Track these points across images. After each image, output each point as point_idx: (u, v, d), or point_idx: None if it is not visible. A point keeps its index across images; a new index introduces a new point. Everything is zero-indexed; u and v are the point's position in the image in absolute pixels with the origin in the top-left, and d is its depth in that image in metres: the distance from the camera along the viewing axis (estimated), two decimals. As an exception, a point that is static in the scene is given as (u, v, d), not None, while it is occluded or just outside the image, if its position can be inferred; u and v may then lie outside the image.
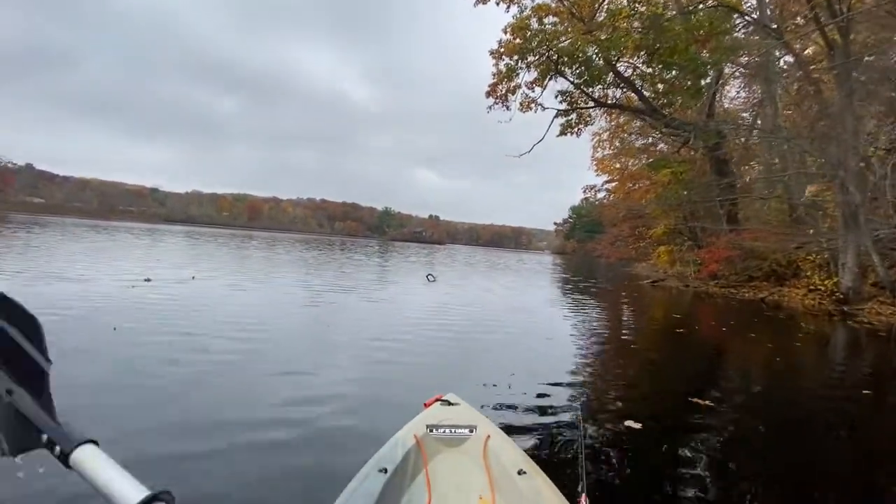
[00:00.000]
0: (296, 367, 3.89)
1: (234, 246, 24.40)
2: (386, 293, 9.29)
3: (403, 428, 1.99)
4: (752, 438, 3.17)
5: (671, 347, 6.51)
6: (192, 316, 5.56)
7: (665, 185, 16.23)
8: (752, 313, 10.23)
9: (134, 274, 8.65)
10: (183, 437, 2.49)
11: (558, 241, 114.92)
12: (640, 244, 21.72)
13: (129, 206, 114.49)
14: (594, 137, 24.04)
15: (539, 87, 17.69)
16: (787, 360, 5.88)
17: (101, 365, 3.57)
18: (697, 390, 4.02)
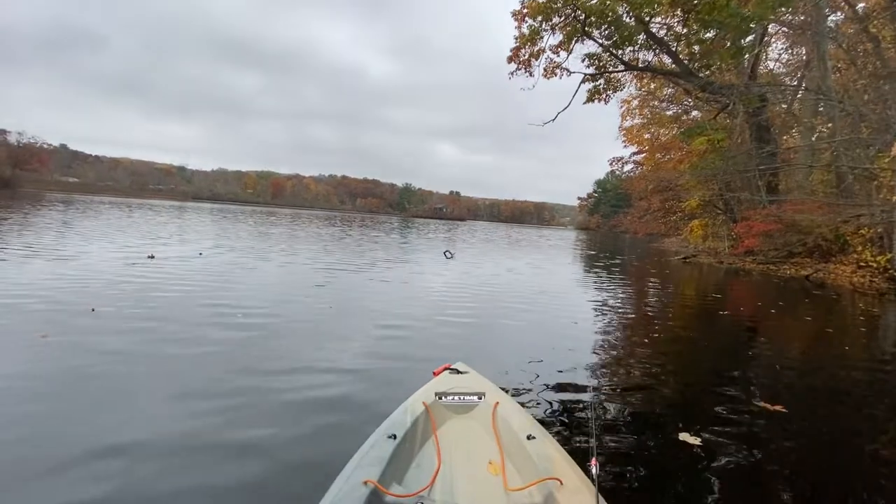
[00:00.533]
0: (289, 362, 3.27)
1: (253, 222, 24.46)
2: (399, 272, 8.66)
3: (412, 395, 1.99)
4: (799, 431, 2.75)
5: (711, 329, 5.92)
6: (182, 298, 5.08)
7: (701, 154, 15.11)
8: (797, 292, 9.45)
9: (141, 251, 8.45)
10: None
11: (582, 216, 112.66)
12: (670, 218, 20.64)
13: (158, 185, 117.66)
14: (623, 105, 22.77)
15: (564, 52, 16.63)
16: (847, 342, 5.27)
17: (46, 358, 3.02)
18: (742, 378, 3.60)
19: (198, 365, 3.12)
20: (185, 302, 4.93)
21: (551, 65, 17.05)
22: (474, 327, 4.88)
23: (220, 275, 6.73)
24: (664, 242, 32.43)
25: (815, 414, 3.10)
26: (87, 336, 3.54)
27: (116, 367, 2.97)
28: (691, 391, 3.39)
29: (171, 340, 3.58)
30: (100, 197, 61.60)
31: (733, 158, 13.81)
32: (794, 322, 6.54)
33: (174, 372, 2.96)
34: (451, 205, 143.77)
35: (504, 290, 7.44)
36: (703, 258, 15.73)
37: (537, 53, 16.75)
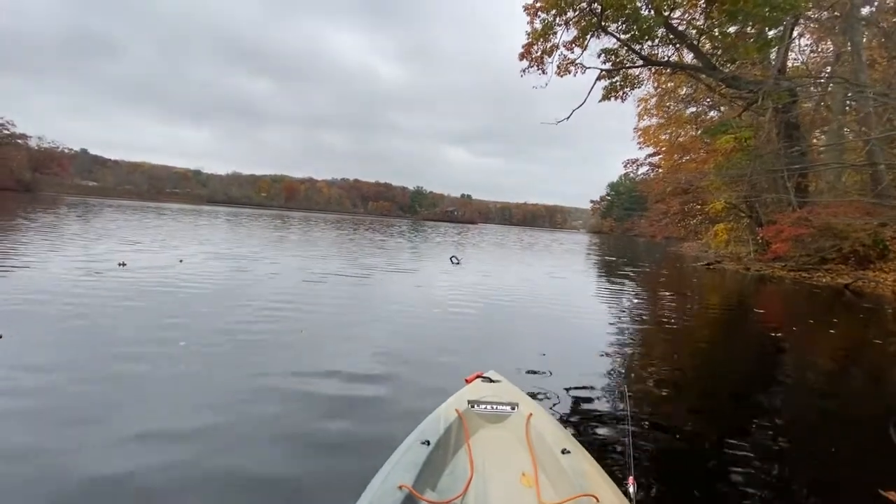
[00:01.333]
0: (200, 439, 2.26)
1: (258, 226, 24.14)
2: (398, 283, 7.82)
3: (445, 403, 1.98)
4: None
5: (753, 347, 5.21)
6: (119, 317, 4.33)
7: (727, 153, 14.20)
8: (840, 304, 8.59)
9: (116, 257, 7.76)
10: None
11: (594, 219, 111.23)
12: (689, 222, 19.68)
13: (174, 188, 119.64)
14: (640, 104, 21.88)
15: (579, 48, 15.90)
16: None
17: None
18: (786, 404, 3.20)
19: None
20: (123, 322, 4.17)
21: (565, 62, 16.30)
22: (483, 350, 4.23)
23: (185, 288, 5.89)
24: (682, 247, 31.28)
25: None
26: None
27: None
28: (736, 414, 3.19)
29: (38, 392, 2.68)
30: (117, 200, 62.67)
31: (761, 158, 12.89)
32: (848, 341, 5.75)
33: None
34: (462, 208, 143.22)
35: (520, 305, 6.76)
36: (727, 264, 14.79)
37: (550, 50, 16.04)
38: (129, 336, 3.82)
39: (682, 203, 18.66)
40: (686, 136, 21.81)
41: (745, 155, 13.63)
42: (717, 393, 3.60)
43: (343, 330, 4.57)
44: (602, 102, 16.59)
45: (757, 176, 12.70)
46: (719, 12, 13.66)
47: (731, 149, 13.89)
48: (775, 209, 16.17)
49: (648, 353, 4.60)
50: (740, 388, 3.72)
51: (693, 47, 14.30)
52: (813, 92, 13.36)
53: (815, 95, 13.16)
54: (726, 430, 2.76)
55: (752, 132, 13.80)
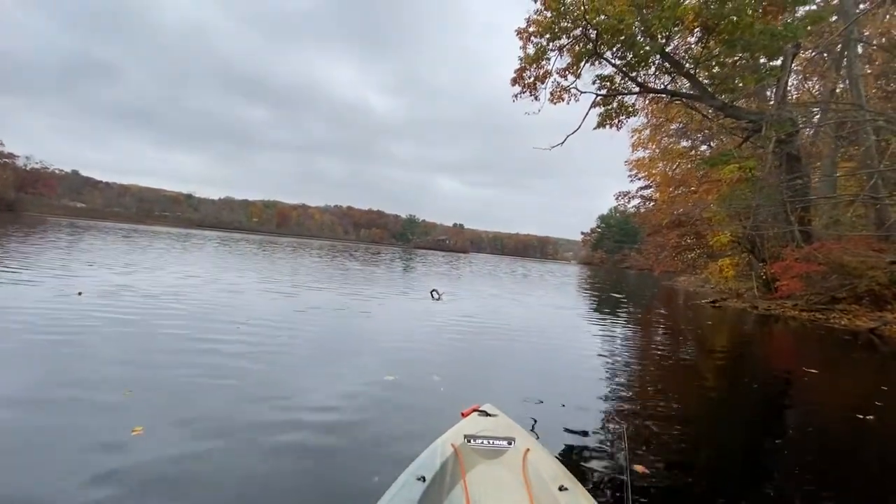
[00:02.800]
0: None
1: (239, 252, 22.97)
2: (362, 326, 6.40)
3: (441, 437, 1.95)
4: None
5: (772, 400, 4.31)
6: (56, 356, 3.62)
7: (731, 183, 13.51)
8: (867, 352, 7.60)
9: (75, 284, 6.95)
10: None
11: (585, 251, 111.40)
12: (687, 255, 18.91)
13: (164, 212, 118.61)
14: (633, 135, 21.50)
15: (572, 76, 15.45)
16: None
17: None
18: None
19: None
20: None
21: (558, 89, 15.84)
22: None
23: (121, 324, 4.99)
24: (677, 281, 30.45)
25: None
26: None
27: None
28: (736, 459, 3.02)
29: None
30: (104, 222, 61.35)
31: (764, 190, 12.19)
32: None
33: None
34: (454, 237, 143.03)
35: (515, 339, 6.01)
36: (732, 301, 13.86)
37: (543, 76, 15.58)
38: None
39: (680, 236, 17.96)
40: (681, 168, 21.34)
41: (750, 186, 12.93)
42: (721, 436, 3.46)
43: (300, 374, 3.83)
44: (596, 131, 16.09)
45: (761, 209, 11.95)
46: (717, 42, 13.30)
47: (737, 179, 13.20)
48: (776, 244, 15.43)
49: (651, 391, 4.38)
50: (746, 434, 3.54)
51: (690, 76, 13.86)
52: (814, 123, 12.82)
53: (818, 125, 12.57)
54: (727, 474, 2.72)
55: (757, 162, 13.15)
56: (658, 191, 22.21)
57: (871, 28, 16.19)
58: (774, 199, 11.75)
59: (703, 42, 13.53)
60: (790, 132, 12.88)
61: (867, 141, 14.41)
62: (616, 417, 3.45)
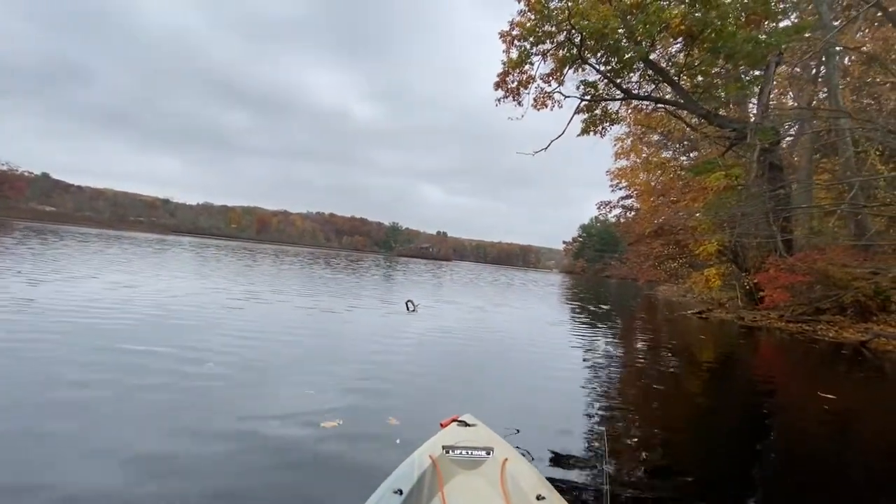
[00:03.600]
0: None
1: (202, 257, 21.95)
2: (316, 347, 5.43)
3: (419, 448, 1.93)
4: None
5: (758, 414, 3.80)
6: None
7: (718, 191, 13.32)
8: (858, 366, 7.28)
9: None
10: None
11: (567, 260, 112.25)
12: (670, 265, 18.77)
13: (139, 217, 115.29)
14: (616, 144, 21.41)
15: (556, 82, 15.18)
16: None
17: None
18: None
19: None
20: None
21: (542, 95, 15.56)
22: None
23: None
24: (658, 290, 30.48)
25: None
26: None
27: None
28: (718, 471, 2.96)
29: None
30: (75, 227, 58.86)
31: (749, 199, 12.01)
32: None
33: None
34: (437, 245, 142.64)
35: (500, 351, 5.18)
36: (718, 313, 13.61)
37: (527, 82, 15.26)
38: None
39: (663, 245, 17.81)
40: (664, 177, 21.30)
41: (736, 194, 12.76)
42: (702, 446, 3.45)
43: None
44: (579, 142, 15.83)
45: (745, 218, 11.75)
46: (701, 50, 13.18)
47: (725, 186, 13.02)
48: (758, 254, 15.34)
49: (630, 402, 4.32)
50: (728, 448, 3.46)
51: (674, 83, 13.68)
52: (795, 132, 12.75)
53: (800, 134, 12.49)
54: (706, 483, 2.69)
55: (743, 170, 13.01)
56: (640, 200, 22.14)
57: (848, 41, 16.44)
58: (759, 208, 11.55)
59: (686, 50, 13.41)
60: (774, 141, 12.78)
61: (846, 152, 14.50)
62: (596, 425, 3.43)
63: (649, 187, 20.95)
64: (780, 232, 14.13)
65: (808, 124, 15.02)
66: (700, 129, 14.68)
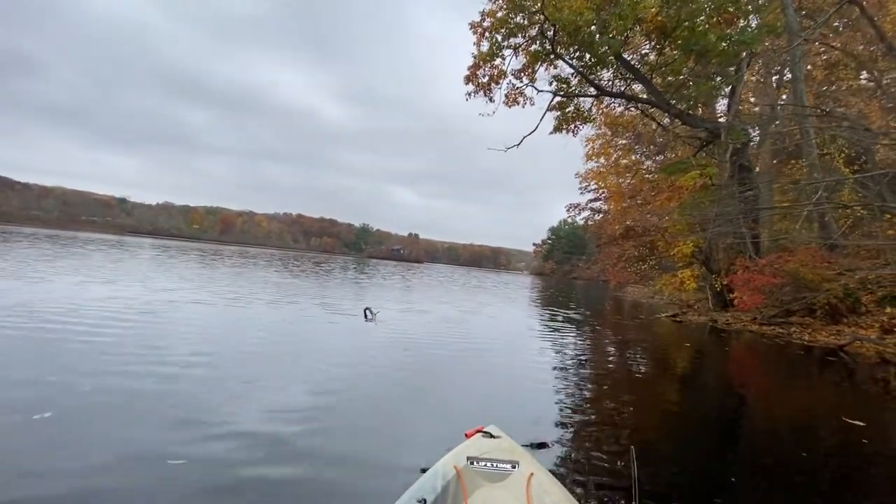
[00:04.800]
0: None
1: (142, 257, 20.34)
2: (229, 377, 4.09)
3: (443, 458, 1.91)
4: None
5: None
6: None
7: (694, 190, 13.08)
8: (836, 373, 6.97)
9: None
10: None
11: (537, 262, 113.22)
12: (640, 266, 18.64)
13: (92, 216, 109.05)
14: (587, 144, 21.20)
15: (528, 78, 14.70)
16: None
17: None
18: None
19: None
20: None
21: (514, 91, 15.06)
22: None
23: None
24: (625, 291, 30.62)
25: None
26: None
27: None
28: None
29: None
30: (19, 227, 54.64)
31: (723, 200, 11.82)
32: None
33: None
34: (409, 246, 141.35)
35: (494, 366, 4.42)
36: (692, 316, 13.39)
37: (498, 77, 14.73)
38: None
39: (635, 246, 17.63)
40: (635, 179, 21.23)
41: (710, 194, 12.56)
42: (738, 460, 3.33)
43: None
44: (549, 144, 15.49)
45: (720, 218, 11.54)
46: (673, 48, 12.97)
47: (702, 185, 12.79)
48: (726, 256, 15.31)
49: (655, 412, 4.23)
50: (757, 460, 3.30)
51: (646, 81, 13.42)
52: (762, 132, 12.68)
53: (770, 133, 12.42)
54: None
55: (718, 169, 12.84)
56: (611, 202, 22.03)
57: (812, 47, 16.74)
58: (733, 208, 11.34)
59: (658, 47, 13.18)
60: (744, 142, 12.69)
61: (811, 154, 14.65)
62: (624, 440, 3.26)
63: (620, 189, 20.83)
64: (749, 233, 14.12)
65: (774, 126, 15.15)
66: (671, 130, 14.51)
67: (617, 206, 20.77)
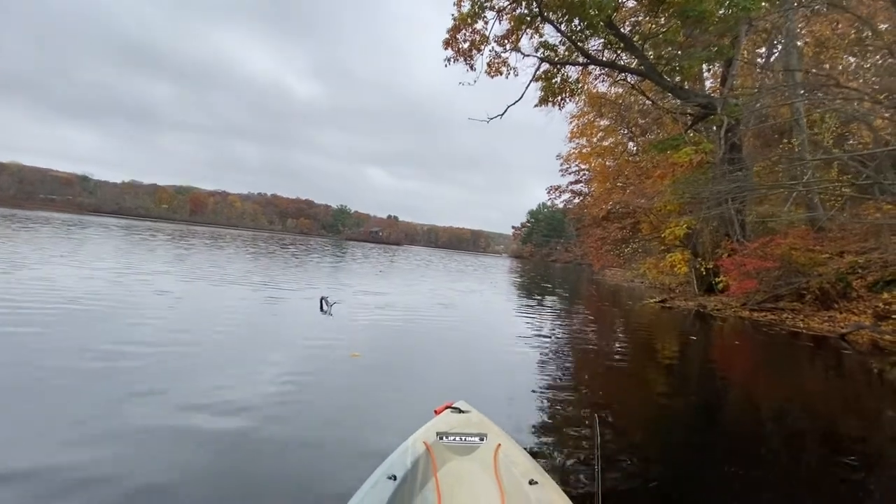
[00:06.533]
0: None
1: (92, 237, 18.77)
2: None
3: (413, 434, 1.94)
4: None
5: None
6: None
7: (691, 167, 12.35)
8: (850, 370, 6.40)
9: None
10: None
11: (515, 244, 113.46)
12: (625, 249, 18.10)
13: (51, 195, 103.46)
14: (572, 121, 20.34)
15: (511, 46, 13.62)
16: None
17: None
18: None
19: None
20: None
21: (497, 60, 13.98)
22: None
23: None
24: (605, 275, 30.35)
25: None
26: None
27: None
28: (710, 454, 3.02)
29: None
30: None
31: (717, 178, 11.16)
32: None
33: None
34: (388, 229, 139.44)
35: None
36: (681, 301, 12.84)
37: (480, 43, 13.58)
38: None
39: (620, 229, 17.02)
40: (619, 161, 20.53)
41: (704, 172, 11.87)
42: (695, 427, 3.54)
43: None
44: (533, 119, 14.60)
45: (715, 198, 10.89)
46: (667, 16, 12.08)
47: (699, 161, 12.07)
48: (711, 239, 14.85)
49: (619, 388, 4.35)
50: (721, 428, 3.58)
51: (637, 51, 12.51)
52: (748, 109, 12.01)
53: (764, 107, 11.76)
54: (697, 466, 2.78)
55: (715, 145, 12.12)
56: (595, 181, 21.34)
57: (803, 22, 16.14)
58: (725, 187, 10.69)
59: (652, 14, 12.27)
60: (736, 120, 12.01)
61: (801, 133, 14.17)
62: (587, 410, 3.43)
63: (605, 170, 20.12)
64: (737, 215, 13.62)
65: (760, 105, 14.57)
66: (661, 105, 13.73)
67: (601, 187, 20.11)
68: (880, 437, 3.66)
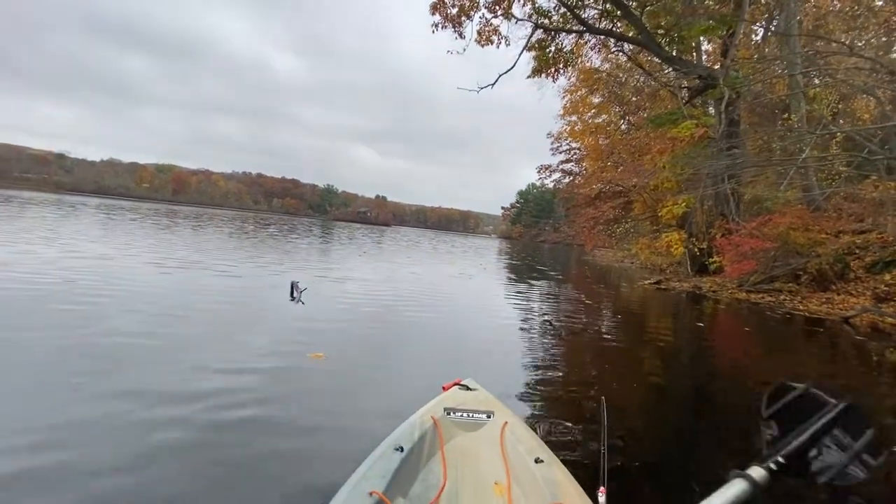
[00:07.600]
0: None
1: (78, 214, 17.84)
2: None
3: (421, 409, 1.95)
4: None
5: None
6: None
7: (692, 142, 11.83)
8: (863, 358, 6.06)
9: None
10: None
11: (505, 225, 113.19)
12: (618, 228, 17.70)
13: (25, 173, 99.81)
14: (565, 96, 19.62)
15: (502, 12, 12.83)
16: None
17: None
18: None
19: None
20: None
21: (487, 27, 13.18)
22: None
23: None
24: (595, 255, 30.08)
25: None
26: None
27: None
28: (713, 436, 3.05)
29: None
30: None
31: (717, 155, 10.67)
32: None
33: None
34: (376, 209, 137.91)
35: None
36: (676, 283, 12.49)
37: (469, 9, 12.77)
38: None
39: (612, 208, 16.58)
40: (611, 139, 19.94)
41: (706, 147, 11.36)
42: (697, 410, 3.59)
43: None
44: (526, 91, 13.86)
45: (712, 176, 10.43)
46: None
47: (701, 135, 11.54)
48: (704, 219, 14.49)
49: (626, 369, 4.34)
50: (724, 411, 3.52)
51: (635, 19, 11.82)
52: (771, 74, 11.47)
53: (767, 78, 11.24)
54: (702, 448, 2.81)
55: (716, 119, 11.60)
56: (588, 159, 20.78)
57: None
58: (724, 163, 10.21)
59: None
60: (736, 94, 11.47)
61: (800, 109, 13.71)
62: (594, 391, 3.41)
63: (598, 147, 19.54)
64: (732, 194, 13.23)
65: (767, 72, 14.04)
66: (661, 77, 13.12)
67: (593, 166, 19.56)
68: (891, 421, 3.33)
